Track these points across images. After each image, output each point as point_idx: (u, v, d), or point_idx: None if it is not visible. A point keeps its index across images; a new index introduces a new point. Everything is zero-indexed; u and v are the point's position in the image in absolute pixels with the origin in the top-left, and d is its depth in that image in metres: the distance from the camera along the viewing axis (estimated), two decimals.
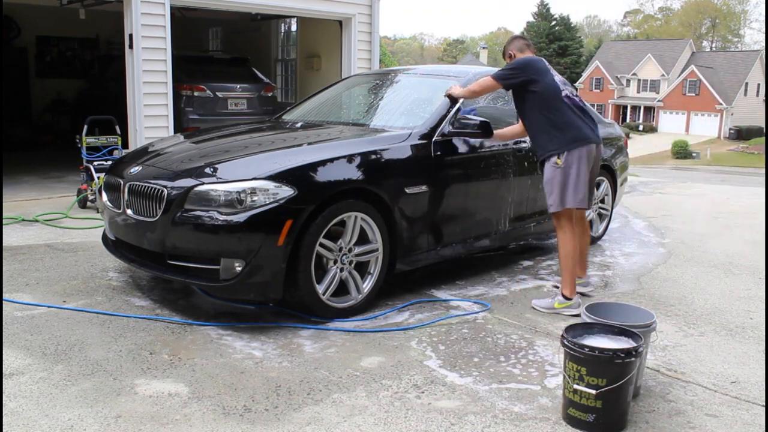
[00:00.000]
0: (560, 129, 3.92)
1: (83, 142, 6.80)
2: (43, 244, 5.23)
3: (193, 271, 3.61)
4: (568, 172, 3.91)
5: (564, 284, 4.06)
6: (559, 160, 3.91)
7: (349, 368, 3.16)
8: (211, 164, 3.77)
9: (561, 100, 3.95)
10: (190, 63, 9.57)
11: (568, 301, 4.01)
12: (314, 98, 5.64)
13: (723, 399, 2.98)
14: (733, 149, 42.74)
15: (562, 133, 3.91)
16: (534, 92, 3.96)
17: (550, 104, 3.94)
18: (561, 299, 4.03)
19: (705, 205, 8.48)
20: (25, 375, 2.97)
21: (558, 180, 3.94)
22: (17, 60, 11.93)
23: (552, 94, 3.95)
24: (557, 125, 3.92)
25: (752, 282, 4.88)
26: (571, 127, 3.92)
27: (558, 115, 3.93)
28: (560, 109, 3.94)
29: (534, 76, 3.95)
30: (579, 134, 3.93)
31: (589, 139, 3.96)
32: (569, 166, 3.91)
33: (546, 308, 4.04)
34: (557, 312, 3.99)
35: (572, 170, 3.92)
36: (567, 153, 3.90)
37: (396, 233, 4.01)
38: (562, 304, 4.01)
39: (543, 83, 3.95)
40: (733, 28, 76.61)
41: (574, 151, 3.90)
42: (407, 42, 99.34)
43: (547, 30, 60.81)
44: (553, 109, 3.93)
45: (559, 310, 3.99)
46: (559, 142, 3.92)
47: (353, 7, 9.57)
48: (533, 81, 3.95)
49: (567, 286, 4.04)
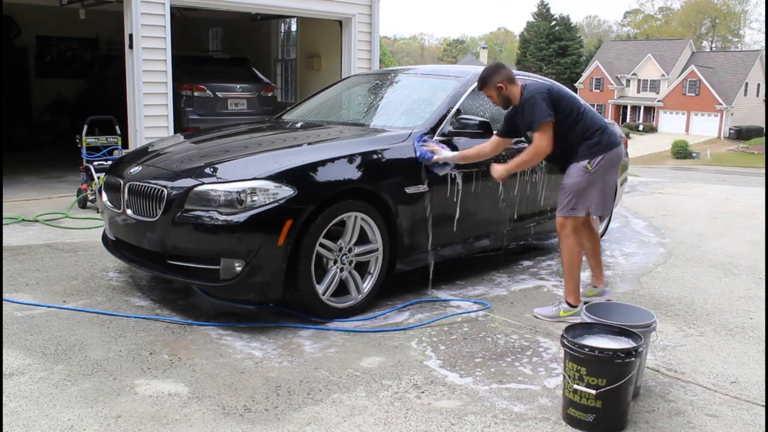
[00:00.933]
0: (591, 135, 3.77)
1: (83, 142, 6.80)
2: (43, 244, 5.24)
3: (193, 271, 3.61)
4: (595, 178, 3.76)
5: (568, 292, 3.93)
6: (590, 165, 3.75)
7: (349, 368, 3.16)
8: (211, 164, 3.77)
9: (586, 108, 3.87)
10: (190, 63, 9.57)
11: (573, 309, 3.87)
12: (314, 98, 5.64)
13: (723, 399, 2.98)
14: (733, 149, 42.75)
15: (592, 139, 3.76)
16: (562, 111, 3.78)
17: (576, 116, 3.79)
18: (566, 307, 3.89)
19: (705, 205, 8.48)
20: (25, 375, 2.97)
21: (583, 185, 3.77)
22: (17, 60, 11.93)
23: (576, 106, 3.81)
24: (587, 132, 3.77)
25: (752, 282, 4.88)
26: (601, 131, 3.78)
27: (587, 121, 3.79)
28: (588, 116, 3.82)
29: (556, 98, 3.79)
30: (609, 139, 3.79)
31: (618, 143, 3.85)
32: (598, 173, 3.76)
33: (550, 317, 3.88)
34: (562, 320, 3.82)
35: (601, 177, 3.78)
36: (600, 158, 3.75)
37: (396, 233, 4.01)
38: (567, 312, 3.87)
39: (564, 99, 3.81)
40: (733, 28, 76.65)
41: (605, 155, 3.76)
42: (407, 42, 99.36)
43: (547, 30, 60.79)
44: (580, 118, 3.80)
45: (564, 318, 3.83)
46: (589, 147, 3.76)
47: (353, 7, 9.57)
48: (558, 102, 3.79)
49: (571, 294, 3.92)
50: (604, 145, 3.77)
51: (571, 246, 3.86)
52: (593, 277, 4.29)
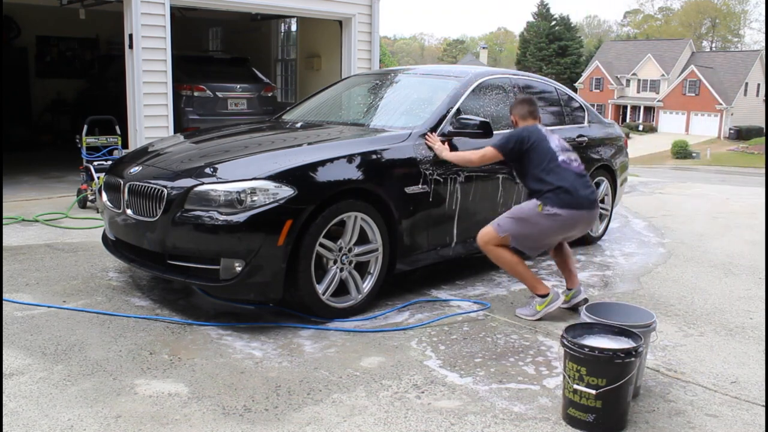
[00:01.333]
0: (554, 190, 3.80)
1: (83, 142, 6.80)
2: (43, 244, 5.24)
3: (193, 271, 3.61)
4: (540, 222, 3.81)
5: (531, 288, 3.95)
6: (541, 207, 3.80)
7: (349, 368, 3.16)
8: (211, 164, 3.77)
9: (559, 165, 3.86)
10: (190, 63, 9.57)
11: (546, 298, 3.89)
12: (314, 98, 5.64)
13: (723, 399, 2.98)
14: (733, 149, 42.75)
15: (554, 194, 3.80)
16: (531, 159, 3.90)
17: (545, 167, 3.85)
18: (539, 300, 3.91)
19: (705, 205, 8.48)
20: (25, 375, 2.97)
21: (526, 219, 3.83)
22: (17, 60, 11.93)
23: (548, 160, 3.86)
24: (552, 187, 3.81)
25: (752, 282, 4.88)
26: (567, 189, 3.79)
27: (553, 176, 3.82)
28: (556, 171, 3.84)
29: (527, 147, 3.90)
30: (572, 198, 3.80)
31: (582, 205, 3.83)
32: (546, 219, 3.80)
33: (530, 315, 3.91)
34: (543, 313, 3.87)
35: (545, 225, 3.82)
36: (554, 208, 3.78)
37: (396, 233, 4.01)
38: (542, 304, 3.89)
39: (538, 150, 3.89)
40: (733, 28, 76.65)
41: (560, 210, 3.79)
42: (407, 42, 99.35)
43: (547, 30, 60.79)
44: (549, 171, 3.84)
45: (542, 311, 3.87)
46: (551, 198, 3.80)
47: (353, 7, 9.57)
48: (529, 150, 3.90)
49: (534, 287, 3.93)
50: (565, 203, 3.79)
51: (499, 256, 3.92)
52: (567, 281, 4.20)
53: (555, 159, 3.87)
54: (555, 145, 3.95)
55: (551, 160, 3.86)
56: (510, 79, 5.31)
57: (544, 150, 3.90)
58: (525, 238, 3.85)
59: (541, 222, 3.80)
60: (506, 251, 3.90)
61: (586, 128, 5.80)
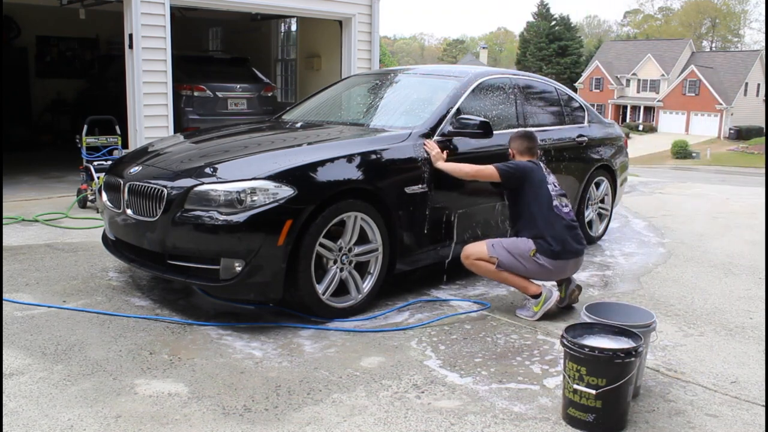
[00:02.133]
0: (547, 241, 3.91)
1: (83, 142, 6.80)
2: (43, 244, 5.24)
3: (193, 271, 3.61)
4: (529, 265, 3.93)
5: (522, 290, 4.01)
6: (534, 253, 3.92)
7: (349, 368, 3.16)
8: (211, 164, 3.77)
9: (552, 210, 3.97)
10: (190, 63, 9.57)
11: (540, 297, 3.95)
12: (314, 98, 5.64)
13: (723, 399, 2.98)
14: (733, 149, 42.75)
15: (547, 245, 3.91)
16: (527, 194, 4.03)
17: (541, 211, 3.97)
18: (534, 301, 3.97)
19: (705, 205, 8.48)
20: (25, 375, 2.97)
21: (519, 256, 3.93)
22: (17, 60, 11.93)
23: (544, 203, 3.99)
24: (545, 233, 3.92)
25: (752, 282, 4.88)
26: (559, 241, 3.92)
27: (548, 226, 3.94)
28: (549, 221, 3.95)
29: (527, 184, 4.03)
30: (563, 252, 3.93)
31: (570, 255, 3.97)
32: (535, 265, 3.93)
33: (530, 316, 3.95)
34: (541, 312, 3.93)
35: (534, 269, 3.94)
36: (545, 259, 3.91)
37: (396, 233, 4.01)
38: (538, 305, 3.95)
39: (537, 192, 4.01)
40: (733, 28, 76.65)
41: (551, 262, 3.92)
42: (407, 42, 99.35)
43: (547, 30, 60.79)
44: (543, 218, 3.96)
45: (540, 311, 3.93)
46: (543, 248, 3.91)
47: (353, 7, 9.57)
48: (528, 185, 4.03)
49: (525, 289, 3.99)
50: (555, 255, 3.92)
51: (479, 266, 4.02)
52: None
53: (550, 204, 3.99)
54: (552, 189, 4.05)
55: (548, 206, 3.98)
56: (510, 79, 5.31)
57: (543, 193, 4.01)
58: (511, 269, 3.96)
59: (531, 266, 3.94)
60: (487, 264, 3.98)
61: (586, 128, 5.80)
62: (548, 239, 3.91)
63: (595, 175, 5.76)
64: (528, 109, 5.27)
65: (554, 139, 5.31)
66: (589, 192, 5.79)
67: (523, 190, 4.04)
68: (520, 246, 3.96)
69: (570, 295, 4.08)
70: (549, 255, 3.91)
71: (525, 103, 5.26)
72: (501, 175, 4.06)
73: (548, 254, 3.91)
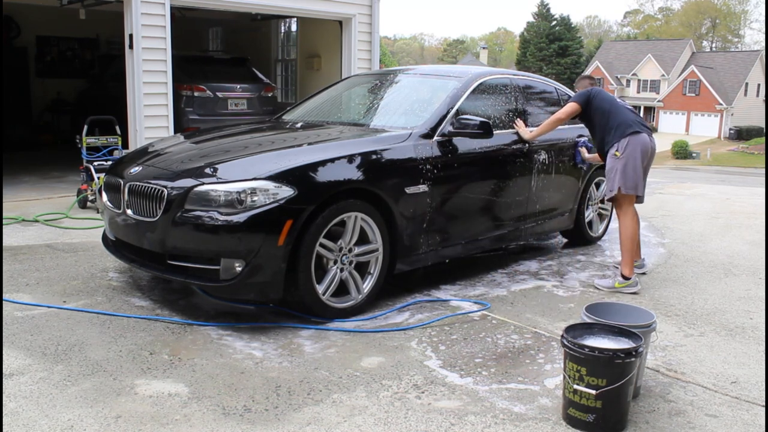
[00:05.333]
0: (617, 126, 4.53)
1: (83, 142, 6.80)
2: (43, 244, 5.24)
3: (193, 271, 3.61)
4: (623, 161, 4.48)
5: (623, 265, 4.50)
6: (618, 152, 4.50)
7: (349, 368, 3.16)
8: (211, 164, 3.77)
9: (618, 105, 4.65)
10: (190, 63, 9.56)
11: (627, 281, 4.45)
12: (314, 98, 5.64)
13: (723, 399, 2.98)
14: (733, 149, 42.73)
15: (618, 130, 4.53)
16: (602, 106, 4.65)
17: (609, 109, 4.61)
18: (621, 279, 4.46)
19: (705, 205, 8.48)
20: (25, 375, 2.97)
21: (616, 168, 4.51)
22: (17, 60, 11.93)
23: (610, 101, 4.67)
24: (615, 123, 4.55)
25: (752, 282, 4.88)
26: (628, 123, 4.53)
27: (616, 115, 4.57)
28: (619, 110, 4.60)
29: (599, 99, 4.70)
30: (633, 129, 4.52)
31: (641, 133, 4.54)
32: (625, 156, 4.48)
33: (607, 287, 4.46)
34: (617, 291, 4.41)
35: (628, 160, 4.48)
36: (625, 144, 4.48)
37: (396, 233, 4.01)
38: (621, 284, 4.44)
39: (609, 101, 4.68)
40: (733, 28, 76.62)
41: (630, 143, 4.48)
42: (407, 42, 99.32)
43: (547, 30, 60.73)
44: (612, 112, 4.59)
45: (618, 289, 4.42)
46: (616, 135, 4.53)
47: (353, 7, 9.57)
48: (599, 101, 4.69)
49: (626, 267, 4.49)
50: (626, 135, 4.52)
51: (626, 222, 4.59)
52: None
53: (615, 101, 4.70)
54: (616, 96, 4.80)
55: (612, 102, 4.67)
56: (510, 79, 5.31)
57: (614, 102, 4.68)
58: (624, 181, 4.52)
59: (625, 159, 4.48)
60: (633, 223, 4.61)
61: (586, 128, 5.79)
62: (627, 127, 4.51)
63: (595, 175, 5.76)
64: (528, 109, 5.27)
65: (554, 139, 5.31)
66: (589, 192, 5.79)
67: (600, 105, 4.65)
68: (609, 164, 4.59)
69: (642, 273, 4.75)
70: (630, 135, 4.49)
71: (525, 103, 5.26)
72: (577, 102, 4.71)
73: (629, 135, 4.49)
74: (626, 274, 4.48)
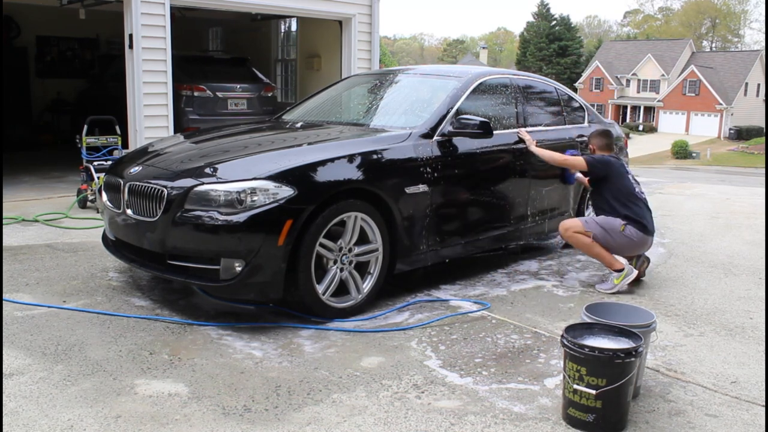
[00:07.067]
0: (633, 219, 4.50)
1: (83, 142, 6.80)
2: (43, 244, 5.24)
3: (193, 271, 3.61)
4: (618, 239, 4.49)
5: (608, 265, 4.53)
6: (624, 228, 4.49)
7: (349, 368, 3.16)
8: (211, 164, 3.77)
9: (636, 197, 4.59)
10: (190, 63, 9.56)
11: (622, 272, 4.47)
12: (314, 98, 5.64)
13: (723, 399, 2.98)
14: (733, 149, 42.74)
15: (634, 223, 4.50)
16: (613, 182, 4.59)
17: (626, 198, 4.55)
18: (616, 275, 4.49)
19: (705, 205, 8.48)
20: (25, 375, 2.97)
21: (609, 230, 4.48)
22: (17, 60, 11.93)
23: (629, 191, 4.58)
24: (631, 215, 4.51)
25: (752, 282, 4.88)
26: (644, 219, 4.54)
27: (634, 208, 4.54)
28: (637, 204, 4.56)
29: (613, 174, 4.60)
30: (648, 228, 4.56)
31: (651, 233, 4.60)
32: (624, 239, 4.49)
33: (609, 289, 4.47)
34: (620, 286, 4.45)
35: (623, 242, 4.49)
36: (635, 231, 4.49)
37: (396, 233, 4.01)
38: (619, 278, 4.47)
39: (621, 180, 4.60)
40: (733, 28, 76.64)
41: (640, 234, 4.51)
42: (407, 42, 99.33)
43: (547, 30, 60.76)
44: (629, 202, 4.55)
45: (620, 284, 4.46)
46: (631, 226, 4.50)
47: (353, 7, 9.57)
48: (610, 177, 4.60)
49: (611, 264, 4.51)
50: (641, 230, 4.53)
51: (580, 241, 4.55)
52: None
53: (633, 190, 4.60)
54: (632, 178, 4.68)
55: (631, 191, 4.59)
56: (510, 79, 5.31)
57: (626, 182, 4.62)
58: (602, 243, 4.50)
59: (619, 239, 4.50)
60: (584, 236, 4.51)
61: (586, 128, 5.80)
62: (634, 218, 4.49)
63: None
64: (528, 109, 5.27)
65: (554, 139, 5.31)
66: (589, 192, 5.79)
67: (609, 179, 4.59)
68: (611, 222, 4.52)
69: (640, 266, 4.64)
70: (639, 229, 4.49)
71: (525, 103, 5.26)
72: (588, 165, 4.64)
73: (638, 227, 4.49)
74: (617, 268, 4.50)
